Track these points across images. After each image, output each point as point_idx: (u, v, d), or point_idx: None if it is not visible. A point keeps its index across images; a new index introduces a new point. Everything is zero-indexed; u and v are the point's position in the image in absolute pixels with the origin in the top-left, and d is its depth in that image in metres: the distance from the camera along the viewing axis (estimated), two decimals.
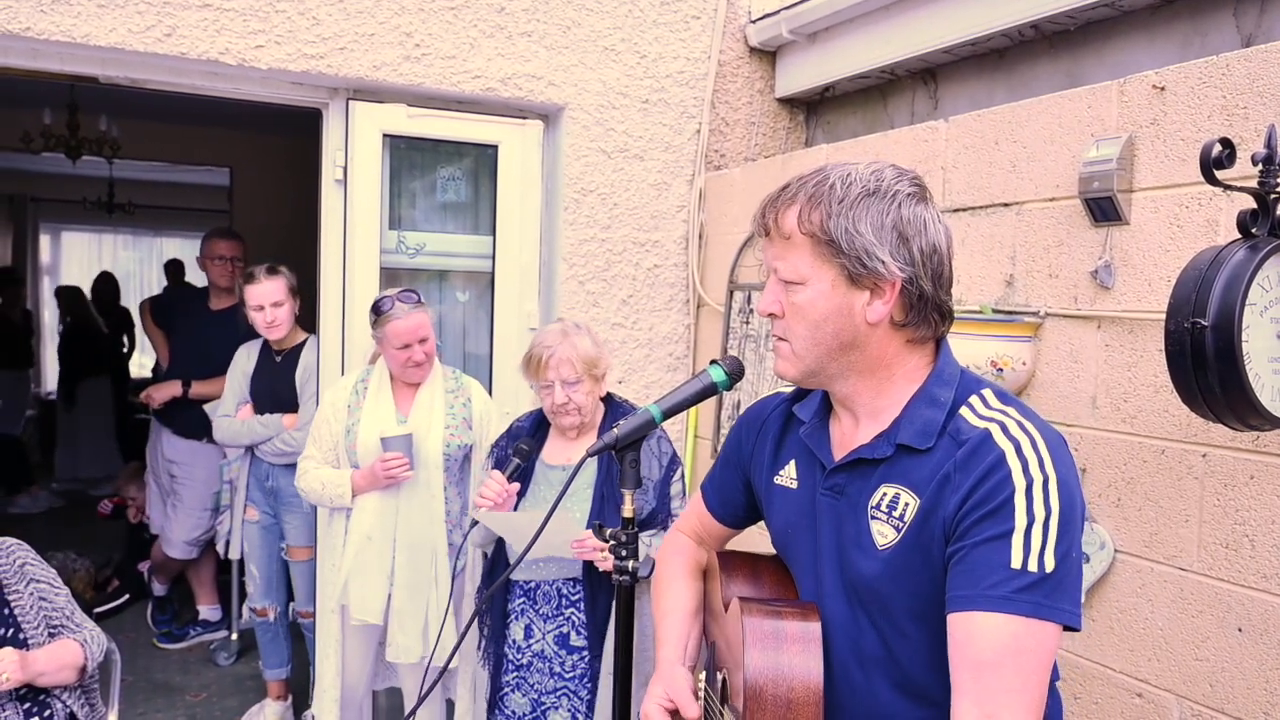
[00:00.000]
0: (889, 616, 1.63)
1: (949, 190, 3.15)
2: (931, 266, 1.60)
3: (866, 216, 1.57)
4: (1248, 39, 2.91)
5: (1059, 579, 1.46)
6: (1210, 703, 2.37)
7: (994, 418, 1.58)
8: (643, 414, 1.89)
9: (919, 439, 1.61)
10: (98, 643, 3.10)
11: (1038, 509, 1.48)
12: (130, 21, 3.47)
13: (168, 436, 5.49)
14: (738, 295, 4.15)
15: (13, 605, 3.01)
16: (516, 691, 3.12)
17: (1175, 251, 2.45)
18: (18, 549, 3.13)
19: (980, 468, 1.52)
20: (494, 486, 3.03)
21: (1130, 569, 2.56)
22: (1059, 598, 1.47)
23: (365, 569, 3.54)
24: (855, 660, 1.67)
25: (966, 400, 1.63)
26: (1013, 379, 2.79)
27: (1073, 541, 1.49)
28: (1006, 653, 1.44)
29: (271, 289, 4.37)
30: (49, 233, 13.29)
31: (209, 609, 5.77)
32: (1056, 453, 1.54)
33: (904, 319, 1.62)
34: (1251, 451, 2.29)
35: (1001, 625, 1.45)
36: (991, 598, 1.46)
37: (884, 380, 1.67)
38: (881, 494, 1.64)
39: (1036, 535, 1.47)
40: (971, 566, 1.49)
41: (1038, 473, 1.50)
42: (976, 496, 1.51)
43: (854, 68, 4.16)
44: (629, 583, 1.98)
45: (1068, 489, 1.51)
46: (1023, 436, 1.54)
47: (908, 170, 1.65)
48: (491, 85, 4.04)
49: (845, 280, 1.59)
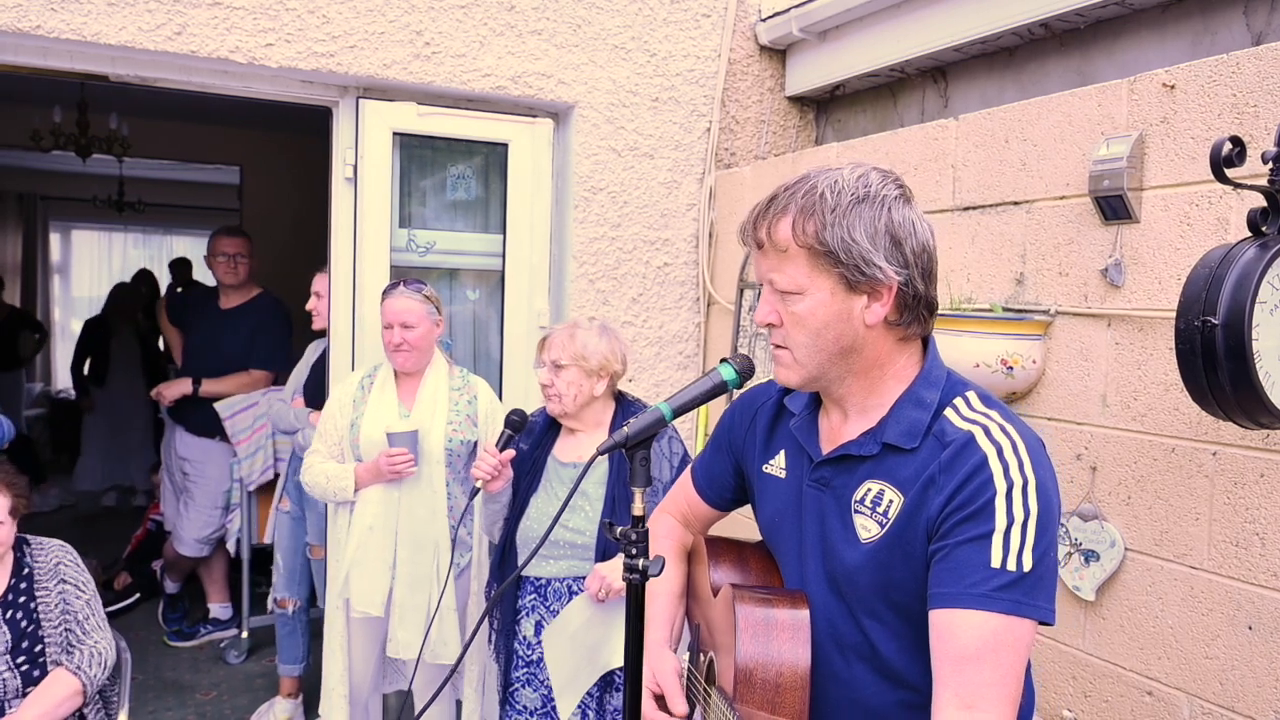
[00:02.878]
0: (868, 606, 1.68)
1: (959, 188, 3.15)
2: (923, 266, 1.65)
3: (860, 224, 1.60)
4: (1258, 37, 2.91)
5: (1036, 578, 1.52)
6: (1221, 701, 2.37)
7: (978, 420, 1.63)
8: (653, 412, 1.89)
9: (904, 439, 1.66)
10: (98, 660, 3.10)
11: (1017, 511, 1.53)
12: (140, 20, 3.48)
13: (181, 434, 5.51)
14: (748, 293, 4.15)
15: (39, 601, 3.07)
16: (527, 687, 3.13)
17: (1185, 250, 2.45)
18: (58, 550, 3.23)
19: (964, 470, 1.57)
20: (489, 460, 3.11)
21: (1140, 567, 2.56)
22: (1036, 595, 1.52)
23: (367, 560, 3.55)
24: (835, 646, 1.72)
25: (951, 402, 1.67)
26: (1023, 377, 2.79)
27: (1050, 542, 1.55)
28: (986, 648, 1.50)
29: (321, 280, 4.38)
30: (59, 231, 13.29)
31: (220, 607, 5.78)
32: (1036, 456, 1.59)
33: (899, 318, 1.66)
34: (1262, 449, 2.29)
35: (982, 622, 1.51)
36: (973, 595, 1.52)
37: (876, 380, 1.71)
38: (866, 489, 1.69)
39: (1016, 536, 1.52)
40: (954, 565, 1.55)
41: (1018, 476, 1.55)
42: (960, 498, 1.56)
43: (864, 66, 4.16)
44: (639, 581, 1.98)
45: (1045, 492, 1.56)
46: (1005, 440, 1.59)
47: (890, 172, 1.68)
48: (501, 84, 4.04)
49: (844, 288, 1.62)
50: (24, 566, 3.09)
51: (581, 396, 3.15)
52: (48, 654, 3.05)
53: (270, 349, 5.31)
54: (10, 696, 2.96)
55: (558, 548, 3.07)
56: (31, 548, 3.15)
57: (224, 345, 5.32)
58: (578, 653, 3.03)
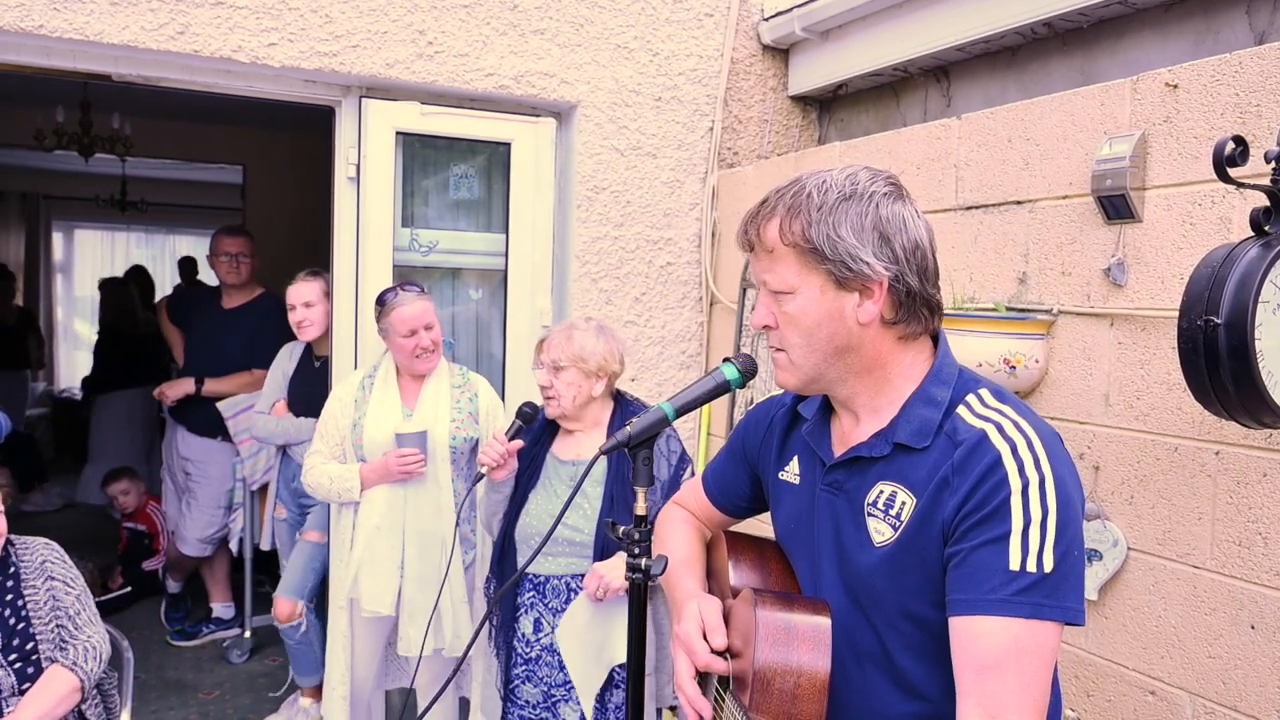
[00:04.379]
0: (883, 612, 1.65)
1: (962, 188, 3.15)
2: (916, 262, 1.62)
3: (846, 220, 1.58)
4: (1260, 36, 2.91)
5: (1060, 578, 1.47)
6: (1223, 700, 2.37)
7: (990, 417, 1.59)
8: (655, 411, 1.89)
9: (916, 438, 1.62)
10: (93, 655, 3.10)
11: (1034, 509, 1.49)
12: (143, 19, 3.48)
13: (182, 434, 5.51)
14: (750, 293, 4.15)
15: (27, 600, 3.07)
16: (527, 683, 3.14)
17: (1188, 249, 2.45)
18: (43, 548, 3.21)
19: (977, 469, 1.53)
20: (497, 447, 3.11)
21: (1143, 566, 2.56)
22: (1060, 596, 1.47)
23: (376, 560, 3.55)
24: (851, 654, 1.68)
25: (964, 399, 1.63)
26: (1025, 377, 2.79)
27: (1073, 539, 1.50)
28: (1008, 655, 1.46)
29: (305, 290, 4.41)
30: (62, 230, 13.33)
31: (222, 606, 5.78)
32: (1053, 451, 1.55)
33: (894, 316, 1.63)
34: (1265, 449, 2.29)
35: (1003, 628, 1.47)
36: (992, 601, 1.48)
37: (881, 380, 1.68)
38: (879, 491, 1.65)
39: (1035, 536, 1.48)
40: (971, 570, 1.51)
41: (1034, 473, 1.51)
42: (975, 499, 1.52)
43: (867, 65, 4.16)
44: (641, 580, 1.98)
45: (1064, 487, 1.51)
46: (1019, 436, 1.55)
47: (882, 171, 1.66)
48: (504, 83, 4.05)
49: (833, 285, 1.61)
50: (10, 565, 3.09)
51: (580, 397, 3.16)
52: (40, 651, 3.06)
53: (273, 349, 5.32)
54: (6, 695, 2.97)
55: (556, 545, 3.08)
56: (17, 547, 3.15)
57: (225, 345, 5.33)
58: (588, 650, 3.04)
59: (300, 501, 4.56)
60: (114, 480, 6.28)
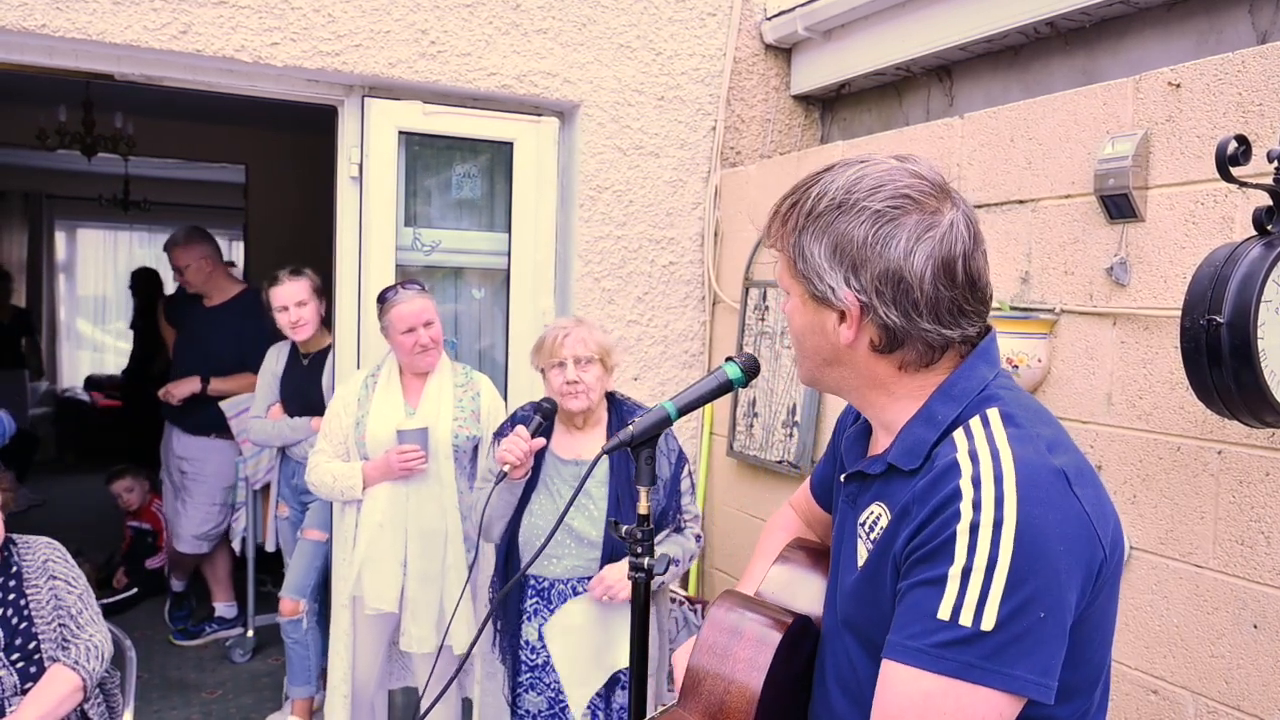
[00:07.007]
0: (857, 639, 1.50)
1: (964, 187, 3.15)
2: (894, 295, 1.39)
3: (823, 237, 1.41)
4: (1263, 36, 2.91)
5: (1007, 640, 1.24)
6: (1225, 699, 2.37)
7: (975, 442, 1.37)
8: (658, 411, 1.88)
9: (905, 459, 1.44)
10: (95, 654, 3.11)
11: (980, 553, 1.26)
12: (145, 19, 3.49)
13: (177, 434, 5.52)
14: (753, 292, 4.15)
15: (29, 598, 3.07)
16: (531, 691, 3.12)
17: (1191, 248, 2.45)
18: (45, 547, 3.22)
19: (934, 500, 1.33)
20: (520, 445, 3.02)
21: (1145, 565, 2.56)
22: (1004, 661, 1.24)
23: (379, 558, 3.56)
24: (835, 678, 1.57)
25: (968, 419, 1.41)
26: (1028, 376, 2.79)
27: (1032, 598, 1.25)
28: (914, 712, 1.27)
29: (294, 289, 4.41)
30: (64, 230, 13.32)
31: (225, 606, 5.79)
32: (1031, 491, 1.29)
33: (882, 346, 1.44)
34: (1267, 448, 2.29)
35: (912, 680, 1.28)
36: (909, 649, 1.29)
37: (885, 398, 1.50)
38: (869, 512, 1.50)
39: (975, 583, 1.26)
40: (903, 609, 1.33)
41: (990, 511, 1.28)
42: (925, 533, 1.33)
43: (869, 65, 4.16)
44: (644, 580, 1.99)
45: (1033, 534, 1.27)
46: (988, 467, 1.32)
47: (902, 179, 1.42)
48: (507, 82, 4.05)
49: (812, 299, 1.46)
50: (12, 565, 3.09)
51: (601, 390, 3.17)
52: (43, 650, 3.06)
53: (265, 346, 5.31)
54: (9, 694, 2.97)
55: (561, 547, 3.07)
56: (18, 546, 3.15)
57: (210, 343, 5.36)
58: (584, 651, 3.03)
59: (302, 498, 4.56)
60: (117, 478, 6.28)
